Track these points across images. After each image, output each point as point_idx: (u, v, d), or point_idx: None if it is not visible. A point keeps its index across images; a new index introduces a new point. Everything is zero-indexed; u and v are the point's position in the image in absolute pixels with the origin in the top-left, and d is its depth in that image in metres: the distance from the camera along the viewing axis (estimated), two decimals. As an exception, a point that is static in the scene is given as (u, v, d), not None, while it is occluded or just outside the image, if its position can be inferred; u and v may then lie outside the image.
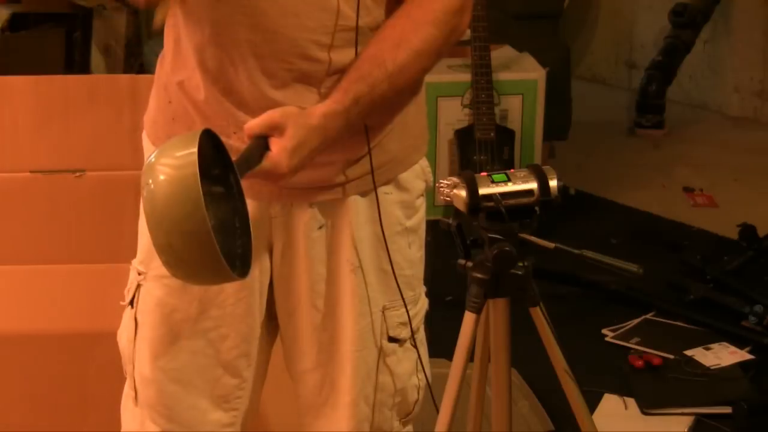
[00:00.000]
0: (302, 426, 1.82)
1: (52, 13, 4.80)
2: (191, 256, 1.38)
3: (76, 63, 4.81)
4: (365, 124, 1.62)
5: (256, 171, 1.50)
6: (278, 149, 1.50)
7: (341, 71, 1.58)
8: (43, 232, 2.72)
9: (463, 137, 4.03)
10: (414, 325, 1.78)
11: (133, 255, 1.80)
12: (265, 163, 1.50)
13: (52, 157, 2.71)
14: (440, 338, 1.85)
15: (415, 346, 1.79)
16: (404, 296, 1.74)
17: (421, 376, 1.82)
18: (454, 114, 4.09)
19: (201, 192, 1.35)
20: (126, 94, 2.73)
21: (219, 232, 1.43)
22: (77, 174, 2.71)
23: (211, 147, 1.45)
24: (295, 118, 1.52)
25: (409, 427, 1.87)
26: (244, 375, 1.76)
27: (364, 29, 1.58)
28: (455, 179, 1.65)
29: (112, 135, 2.71)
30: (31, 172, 2.71)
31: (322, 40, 1.57)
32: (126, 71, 4.81)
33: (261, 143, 1.51)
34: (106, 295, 2.49)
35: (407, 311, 1.75)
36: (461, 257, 1.69)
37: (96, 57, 4.92)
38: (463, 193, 1.63)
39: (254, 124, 1.51)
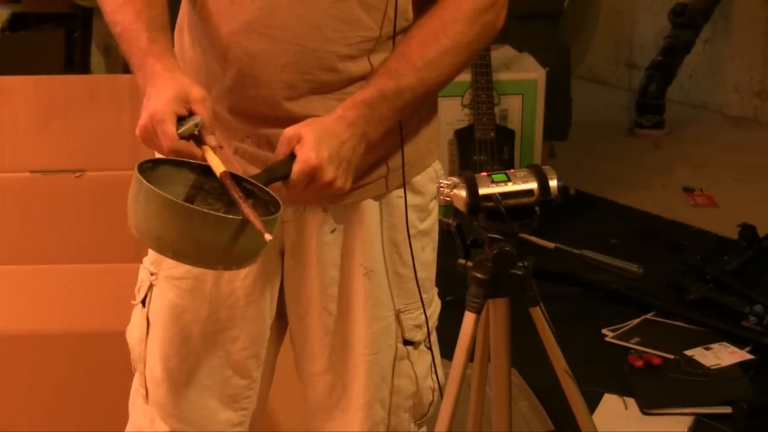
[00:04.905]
0: (311, 428, 1.82)
1: (52, 13, 4.80)
2: (179, 233, 1.41)
3: (76, 63, 4.80)
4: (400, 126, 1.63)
5: (296, 178, 1.50)
6: (300, 147, 1.50)
7: (355, 81, 1.59)
8: (43, 232, 2.72)
9: (463, 137, 4.03)
10: (428, 327, 1.78)
11: (133, 254, 1.81)
12: (296, 166, 1.50)
13: (52, 157, 2.71)
14: (440, 338, 1.85)
15: (430, 348, 1.80)
16: (418, 298, 1.75)
17: (436, 377, 1.82)
18: (454, 114, 4.09)
19: (142, 179, 1.40)
20: (126, 94, 2.73)
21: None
22: (77, 174, 2.71)
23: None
24: (309, 121, 1.53)
25: (424, 429, 1.87)
26: (253, 375, 1.76)
27: (383, 38, 1.59)
28: (455, 179, 1.65)
29: (112, 135, 2.72)
30: (31, 172, 2.71)
31: (342, 51, 1.57)
32: (126, 71, 4.80)
33: (288, 157, 1.52)
34: (106, 294, 2.50)
35: (425, 314, 1.76)
36: (461, 257, 1.69)
37: (96, 57, 4.91)
38: (463, 193, 1.63)
39: (277, 151, 1.53)
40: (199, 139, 1.50)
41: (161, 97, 1.48)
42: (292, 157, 1.51)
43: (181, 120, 1.49)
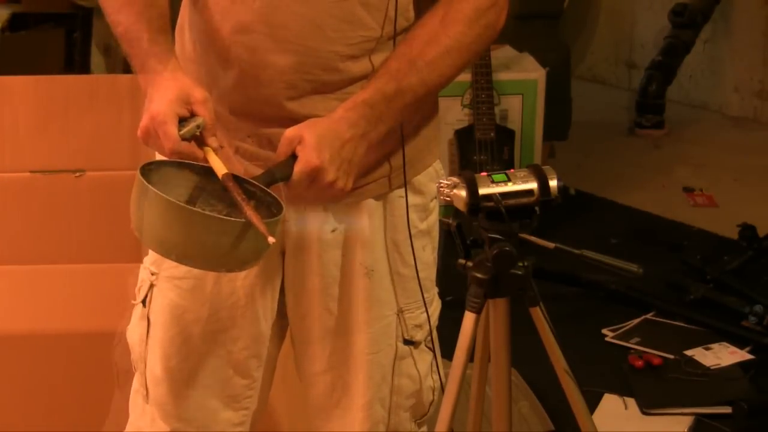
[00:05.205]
0: (312, 428, 1.82)
1: (52, 13, 4.80)
2: (182, 236, 1.41)
3: (76, 63, 4.80)
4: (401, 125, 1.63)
5: (297, 179, 1.50)
6: (302, 148, 1.51)
7: (356, 81, 1.59)
8: (43, 232, 2.72)
9: (463, 137, 4.03)
10: (430, 326, 1.79)
11: (133, 254, 1.81)
12: (297, 167, 1.50)
13: (52, 157, 2.71)
14: (440, 338, 1.85)
15: (432, 348, 1.80)
16: (419, 298, 1.75)
17: (436, 377, 1.82)
18: (454, 114, 4.08)
19: (144, 182, 1.41)
20: (126, 94, 2.73)
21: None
22: (77, 174, 2.71)
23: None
24: (310, 122, 1.54)
25: (424, 428, 1.87)
26: (254, 375, 1.77)
27: (384, 38, 1.60)
28: (455, 179, 1.64)
29: (112, 135, 2.72)
30: (31, 172, 2.71)
31: (344, 51, 1.57)
32: (126, 71, 4.80)
33: (289, 158, 1.52)
34: (106, 294, 2.50)
35: (427, 313, 1.76)
36: (461, 257, 1.69)
37: (96, 57, 4.91)
38: (463, 193, 1.63)
39: (278, 151, 1.53)
40: (200, 141, 1.50)
41: (163, 99, 1.49)
42: (293, 158, 1.51)
43: (182, 121, 1.49)
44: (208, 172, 1.50)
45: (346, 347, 1.74)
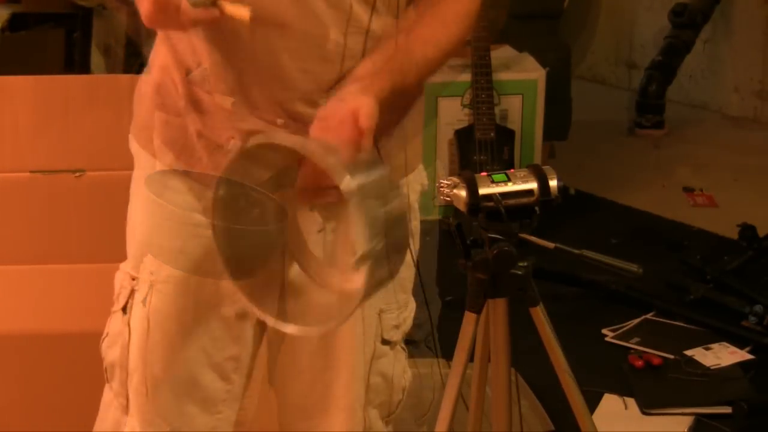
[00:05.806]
0: (293, 428, 1.83)
1: (52, 13, 4.80)
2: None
3: (76, 63, 4.80)
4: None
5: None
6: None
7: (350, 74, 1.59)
8: (43, 232, 2.72)
9: (463, 137, 4.03)
10: (432, 327, 1.80)
11: (133, 255, 1.81)
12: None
13: (52, 157, 2.71)
14: (440, 338, 1.85)
15: (404, 348, 1.81)
16: (398, 298, 1.75)
17: (407, 376, 1.83)
18: (454, 114, 4.08)
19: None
20: (126, 94, 2.71)
21: None
22: (77, 174, 2.71)
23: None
24: (312, 127, 1.53)
25: (424, 428, 1.87)
26: (254, 374, 1.78)
27: (375, 33, 1.59)
28: (455, 179, 1.65)
29: (112, 135, 2.71)
30: (31, 172, 2.71)
31: (343, 50, 1.57)
32: (126, 71, 4.80)
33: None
34: (106, 295, 2.49)
35: (429, 311, 1.76)
36: (461, 257, 1.69)
37: (96, 57, 4.91)
38: (463, 193, 1.63)
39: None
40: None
41: None
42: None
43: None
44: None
45: (326, 348, 1.74)
